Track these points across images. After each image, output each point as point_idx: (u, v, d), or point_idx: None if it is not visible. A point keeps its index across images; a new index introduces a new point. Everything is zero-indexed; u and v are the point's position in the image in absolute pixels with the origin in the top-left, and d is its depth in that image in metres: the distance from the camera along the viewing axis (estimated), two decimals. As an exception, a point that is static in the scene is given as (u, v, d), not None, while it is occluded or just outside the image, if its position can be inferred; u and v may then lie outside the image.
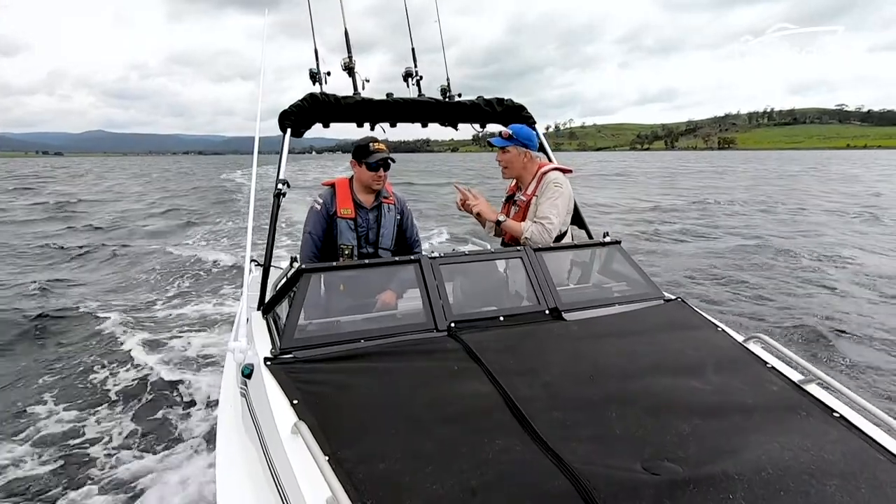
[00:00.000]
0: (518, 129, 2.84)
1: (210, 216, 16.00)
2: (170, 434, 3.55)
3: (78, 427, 3.67)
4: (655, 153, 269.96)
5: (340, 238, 2.70)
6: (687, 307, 2.34)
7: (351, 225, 2.72)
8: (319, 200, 2.74)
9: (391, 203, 2.85)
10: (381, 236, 2.79)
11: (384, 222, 2.79)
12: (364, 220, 2.75)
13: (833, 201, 18.70)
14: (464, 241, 9.67)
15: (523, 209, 2.76)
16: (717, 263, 8.62)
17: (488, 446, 1.41)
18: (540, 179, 2.74)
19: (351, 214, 2.71)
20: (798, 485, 1.29)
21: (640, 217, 14.96)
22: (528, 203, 2.74)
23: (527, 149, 2.80)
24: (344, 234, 2.70)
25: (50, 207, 18.75)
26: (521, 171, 2.83)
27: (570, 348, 2.00)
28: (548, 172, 2.75)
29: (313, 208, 2.74)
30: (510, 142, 2.78)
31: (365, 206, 2.76)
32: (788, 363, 1.89)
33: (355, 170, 2.74)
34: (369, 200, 2.78)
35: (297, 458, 1.39)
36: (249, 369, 1.85)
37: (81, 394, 4.18)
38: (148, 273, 8.37)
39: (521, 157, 2.80)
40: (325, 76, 2.88)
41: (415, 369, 1.81)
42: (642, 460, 1.35)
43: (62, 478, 3.10)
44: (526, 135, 2.82)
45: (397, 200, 2.90)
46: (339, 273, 2.39)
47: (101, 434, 3.58)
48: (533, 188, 2.76)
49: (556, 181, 2.72)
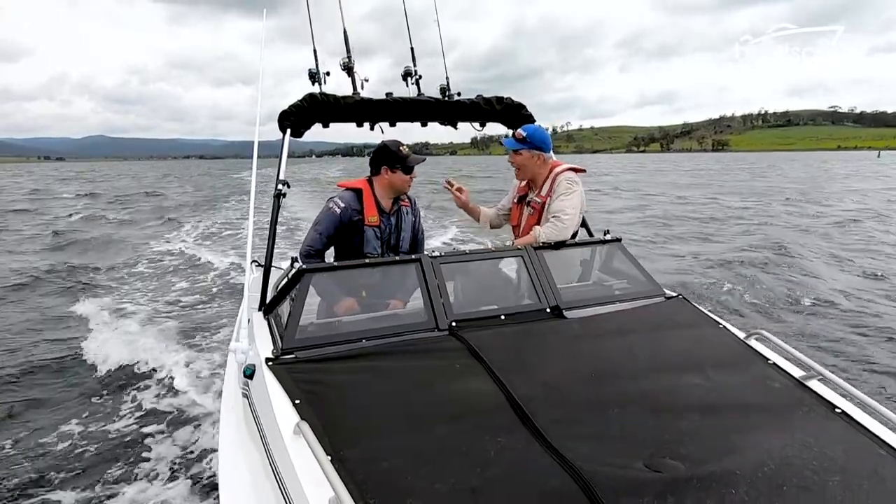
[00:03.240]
0: (532, 131, 2.76)
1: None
2: (170, 435, 3.54)
3: (78, 427, 3.66)
4: (651, 155, 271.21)
5: (367, 247, 2.62)
6: (688, 304, 2.34)
7: (377, 233, 2.66)
8: (340, 203, 2.62)
9: (407, 206, 2.82)
10: (401, 240, 2.76)
11: (404, 226, 2.77)
12: (386, 225, 2.71)
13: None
14: (464, 241, 9.69)
15: (538, 211, 2.72)
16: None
17: (490, 445, 1.41)
18: (554, 180, 2.71)
19: (377, 222, 2.65)
20: (800, 480, 1.29)
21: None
22: (542, 205, 2.71)
23: (540, 152, 2.74)
24: (370, 242, 2.64)
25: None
26: (533, 173, 2.78)
27: (571, 346, 2.00)
28: (561, 173, 2.71)
29: (332, 210, 2.62)
30: (523, 145, 2.73)
31: (386, 212, 2.71)
32: (790, 360, 1.89)
33: (387, 175, 2.64)
34: (389, 205, 2.72)
35: (300, 458, 1.39)
36: (251, 370, 1.84)
37: (79, 387, 4.22)
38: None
39: (534, 159, 2.74)
40: (324, 76, 2.88)
41: (416, 368, 1.81)
42: (644, 458, 1.35)
43: (62, 478, 3.09)
44: (540, 138, 2.75)
45: (411, 201, 2.86)
46: (341, 273, 2.39)
47: (102, 434, 3.57)
48: (547, 189, 2.72)
49: (570, 179, 2.69)
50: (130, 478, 3.07)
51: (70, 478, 3.11)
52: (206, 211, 18.52)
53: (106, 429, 3.66)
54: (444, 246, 9.60)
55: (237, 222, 14.71)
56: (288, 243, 9.42)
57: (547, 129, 2.90)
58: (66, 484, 3.05)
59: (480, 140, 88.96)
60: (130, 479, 3.06)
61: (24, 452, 3.39)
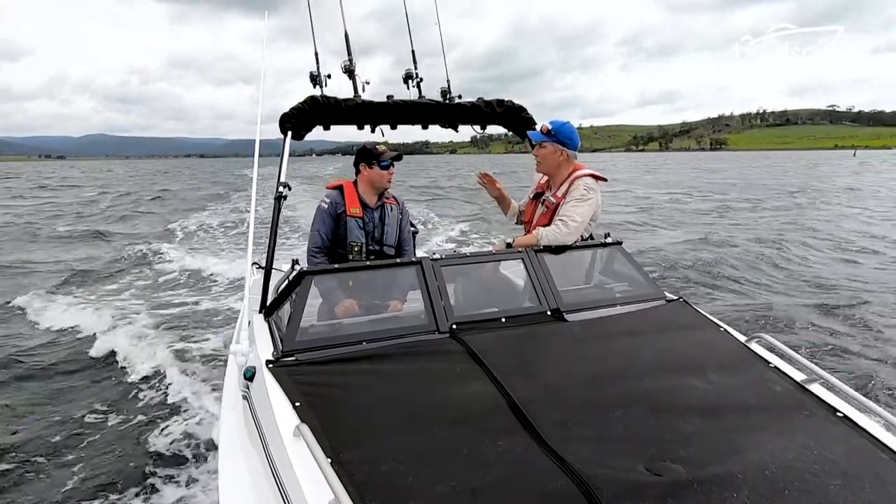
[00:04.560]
0: (560, 125, 2.72)
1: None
2: (171, 436, 3.53)
3: (76, 426, 3.67)
4: (648, 154, 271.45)
5: (350, 236, 2.82)
6: (689, 307, 2.34)
7: (360, 223, 2.84)
8: (327, 200, 2.85)
9: (393, 203, 2.99)
10: (385, 234, 2.91)
11: (388, 221, 2.93)
12: (370, 218, 2.88)
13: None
14: (465, 243, 9.69)
15: (551, 211, 2.68)
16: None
17: (490, 447, 1.41)
18: (572, 183, 2.66)
19: (359, 213, 2.84)
20: (801, 484, 1.29)
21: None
22: (556, 206, 2.67)
23: (565, 147, 2.70)
24: (353, 231, 2.82)
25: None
26: (554, 169, 2.74)
27: (571, 349, 2.00)
28: (581, 177, 2.67)
29: (321, 207, 2.85)
30: (547, 138, 2.70)
31: (370, 207, 2.89)
32: (791, 363, 1.89)
33: (366, 172, 2.86)
34: (374, 201, 2.91)
35: (300, 461, 1.39)
36: (251, 372, 1.85)
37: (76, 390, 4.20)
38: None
39: (557, 155, 2.70)
40: (325, 79, 2.88)
41: (417, 371, 1.81)
42: (645, 461, 1.35)
43: (61, 477, 3.09)
44: (567, 133, 2.70)
45: (397, 201, 3.04)
46: (341, 275, 2.39)
47: (101, 434, 3.57)
48: (564, 190, 2.68)
49: (588, 186, 2.64)
50: (130, 481, 3.06)
51: (69, 477, 3.10)
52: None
53: (104, 429, 3.66)
54: (444, 247, 9.61)
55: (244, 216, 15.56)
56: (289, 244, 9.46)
57: (576, 132, 2.85)
58: (66, 483, 3.04)
59: (480, 139, 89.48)
60: (130, 482, 3.05)
61: (16, 449, 3.39)
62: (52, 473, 3.16)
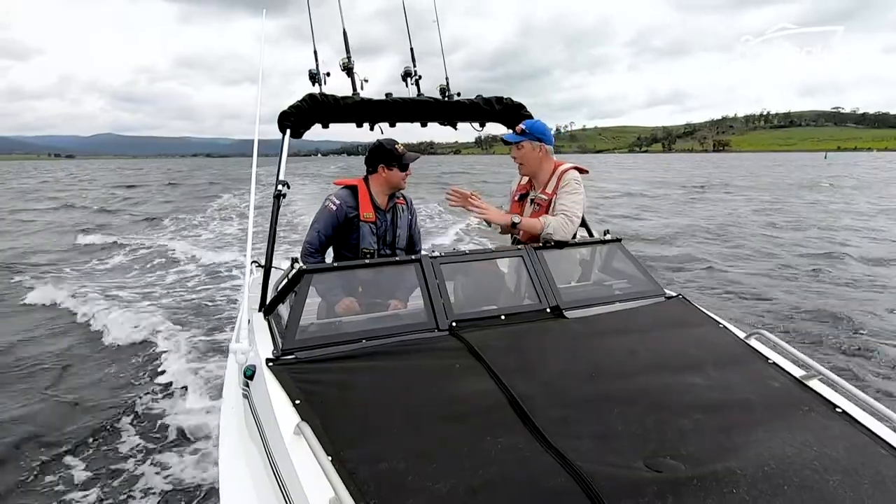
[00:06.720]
0: (531, 123, 2.77)
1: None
2: (172, 436, 3.54)
3: (75, 426, 3.67)
4: (651, 155, 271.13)
5: (363, 242, 2.69)
6: (688, 304, 2.34)
7: (373, 229, 2.71)
8: (336, 201, 2.69)
9: (403, 204, 2.87)
10: (397, 237, 2.80)
11: (400, 223, 2.81)
12: (382, 222, 2.76)
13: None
14: (465, 241, 9.69)
15: (545, 207, 2.69)
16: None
17: (490, 444, 1.41)
18: (560, 177, 2.69)
19: (372, 218, 2.71)
20: (801, 480, 1.29)
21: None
22: (549, 201, 2.68)
23: (541, 143, 2.72)
24: (366, 238, 2.69)
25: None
26: (537, 166, 2.74)
27: (571, 346, 2.00)
28: (567, 171, 2.70)
29: (328, 207, 2.69)
30: (523, 136, 2.72)
31: (382, 209, 2.77)
32: (790, 359, 1.89)
33: (384, 173, 2.70)
34: (385, 202, 2.78)
35: (300, 459, 1.39)
36: (251, 370, 1.84)
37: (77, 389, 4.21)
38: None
39: (536, 151, 2.72)
40: (324, 77, 2.88)
41: (416, 368, 1.81)
42: (644, 457, 1.35)
43: (61, 477, 3.10)
44: (540, 129, 2.74)
45: (407, 200, 2.92)
46: (340, 274, 2.39)
47: (100, 435, 3.58)
48: (553, 186, 2.70)
49: (576, 179, 2.68)
50: (130, 479, 3.07)
51: (68, 478, 3.11)
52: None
53: (103, 429, 3.66)
54: (444, 245, 9.61)
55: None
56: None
57: (550, 129, 2.88)
58: (65, 485, 3.05)
59: (484, 140, 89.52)
60: (130, 480, 3.06)
61: (13, 447, 3.40)
62: (47, 470, 3.16)
